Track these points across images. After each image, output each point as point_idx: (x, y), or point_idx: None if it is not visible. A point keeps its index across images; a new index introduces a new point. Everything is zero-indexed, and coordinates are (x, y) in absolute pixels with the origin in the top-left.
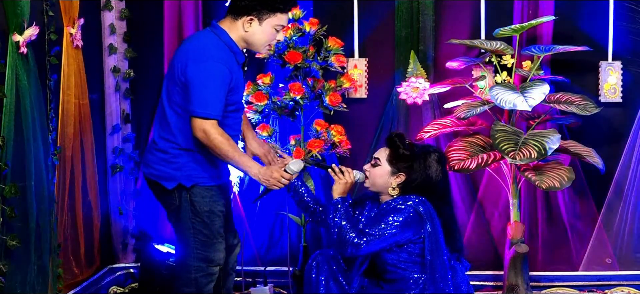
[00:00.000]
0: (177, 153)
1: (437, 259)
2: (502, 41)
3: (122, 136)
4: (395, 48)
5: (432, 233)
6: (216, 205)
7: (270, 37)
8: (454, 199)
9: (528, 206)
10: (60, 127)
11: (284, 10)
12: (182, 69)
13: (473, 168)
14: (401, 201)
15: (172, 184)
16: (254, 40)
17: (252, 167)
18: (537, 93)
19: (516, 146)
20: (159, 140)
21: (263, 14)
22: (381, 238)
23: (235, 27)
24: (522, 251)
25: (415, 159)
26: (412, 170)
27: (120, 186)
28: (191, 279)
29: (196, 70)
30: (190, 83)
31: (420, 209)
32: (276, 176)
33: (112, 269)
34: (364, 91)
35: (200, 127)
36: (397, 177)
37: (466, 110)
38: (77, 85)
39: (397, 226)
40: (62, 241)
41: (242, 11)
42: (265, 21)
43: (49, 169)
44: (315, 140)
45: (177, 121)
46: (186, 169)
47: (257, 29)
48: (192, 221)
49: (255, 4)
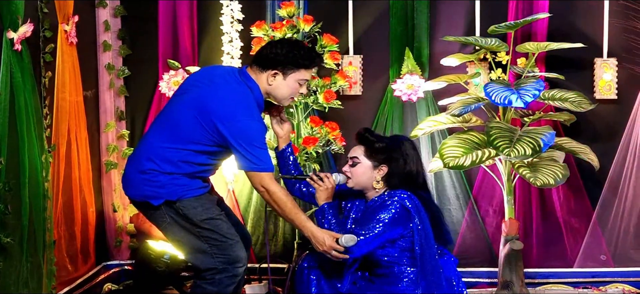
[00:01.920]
0: (157, 174)
1: (427, 252)
2: (496, 38)
3: (116, 133)
4: (390, 45)
5: (421, 227)
6: (211, 211)
7: (293, 91)
8: (448, 196)
9: (523, 203)
10: (54, 124)
11: (309, 66)
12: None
13: (468, 165)
14: (387, 197)
15: (158, 201)
16: (277, 93)
17: (307, 227)
18: (531, 90)
19: (511, 143)
20: (144, 162)
21: (288, 69)
22: (372, 238)
23: (260, 79)
24: (516, 248)
25: (392, 149)
26: (392, 160)
27: (114, 183)
28: (216, 279)
29: (235, 129)
30: (233, 143)
31: (407, 204)
32: (328, 246)
33: (107, 267)
34: (359, 88)
35: (259, 182)
36: (379, 170)
37: (461, 107)
38: (72, 82)
39: (386, 223)
40: (56, 239)
41: (268, 64)
42: (289, 76)
43: (43, 166)
44: (310, 137)
45: (172, 152)
46: (168, 186)
47: (281, 83)
48: (197, 231)
49: (281, 59)
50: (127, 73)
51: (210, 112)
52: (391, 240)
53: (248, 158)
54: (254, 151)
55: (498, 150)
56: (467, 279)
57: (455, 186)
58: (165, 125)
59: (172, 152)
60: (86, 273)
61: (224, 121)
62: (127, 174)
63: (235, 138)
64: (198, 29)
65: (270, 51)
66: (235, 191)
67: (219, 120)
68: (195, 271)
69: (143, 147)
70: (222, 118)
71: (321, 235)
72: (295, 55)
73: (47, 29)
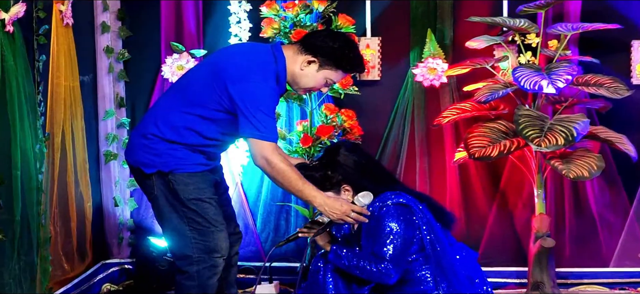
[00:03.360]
0: (157, 141)
1: (438, 244)
2: (526, 19)
3: (115, 121)
4: (410, 26)
5: (423, 217)
6: (203, 192)
7: (317, 85)
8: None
9: (554, 197)
10: (49, 111)
11: (346, 70)
12: (231, 85)
13: (495, 155)
14: (380, 203)
15: (150, 169)
16: (301, 80)
17: (317, 197)
18: (563, 74)
19: (541, 132)
20: (148, 125)
21: (326, 64)
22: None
23: (294, 59)
24: (547, 246)
25: (334, 165)
26: (344, 174)
27: (114, 176)
28: (193, 272)
29: (244, 89)
30: (238, 104)
31: (401, 200)
32: (345, 210)
33: (106, 265)
34: (377, 73)
35: (260, 152)
36: (344, 192)
37: (487, 94)
38: (67, 66)
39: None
40: (51, 235)
41: (312, 49)
42: (323, 70)
43: (37, 157)
44: (324, 126)
45: (179, 115)
46: (165, 156)
47: (312, 73)
48: (182, 210)
49: (327, 51)
50: (127, 56)
51: (223, 69)
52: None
53: (251, 123)
54: (258, 115)
55: (527, 140)
56: (494, 280)
57: (481, 178)
58: (176, 89)
59: (178, 116)
60: (83, 272)
61: (235, 80)
62: (131, 138)
63: (242, 99)
64: (203, 9)
65: (322, 40)
66: (243, 184)
67: (229, 78)
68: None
69: (151, 111)
70: (233, 77)
71: (336, 200)
72: (344, 55)
73: (40, 9)
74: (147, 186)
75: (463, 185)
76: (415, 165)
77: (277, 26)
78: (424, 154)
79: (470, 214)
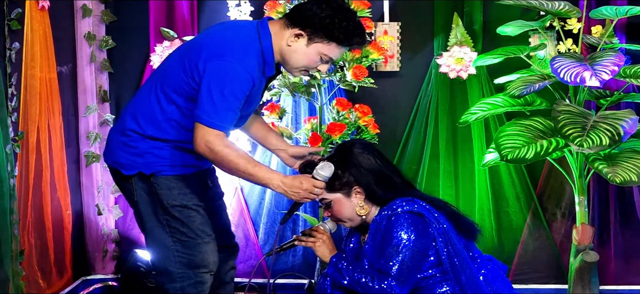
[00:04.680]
0: (138, 138)
1: (455, 257)
2: (566, 1)
3: (98, 118)
4: (434, 10)
5: (439, 227)
6: (189, 197)
7: (310, 63)
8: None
9: (598, 204)
10: (22, 107)
11: (341, 42)
12: (203, 61)
13: (530, 157)
14: (389, 212)
15: (130, 171)
16: (291, 58)
17: (273, 178)
18: (609, 65)
19: (583, 130)
20: (127, 120)
21: (315, 36)
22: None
23: (281, 35)
24: (590, 261)
25: (347, 164)
26: (357, 175)
27: (96, 180)
28: (175, 290)
29: (214, 67)
30: (203, 80)
31: (414, 209)
32: (307, 187)
33: (87, 282)
34: (396, 63)
35: (202, 137)
36: (355, 194)
37: (522, 87)
38: (43, 55)
39: (409, 245)
40: (25, 248)
41: (297, 21)
42: (314, 44)
43: (9, 159)
44: (335, 124)
45: (156, 107)
46: (147, 156)
47: (301, 48)
48: (164, 218)
49: (315, 20)
50: (111, 44)
51: (198, 47)
52: None
53: (204, 105)
54: (216, 99)
55: (568, 140)
56: None
57: (514, 183)
58: (154, 77)
59: (157, 108)
60: (62, 289)
61: (208, 56)
62: (109, 135)
63: (209, 77)
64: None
65: (309, 9)
66: (243, 190)
67: (203, 55)
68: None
69: (130, 105)
70: (207, 54)
71: (295, 179)
72: (334, 23)
73: None
74: (126, 191)
75: (494, 191)
76: (439, 168)
77: (282, 9)
78: (449, 156)
79: (502, 224)
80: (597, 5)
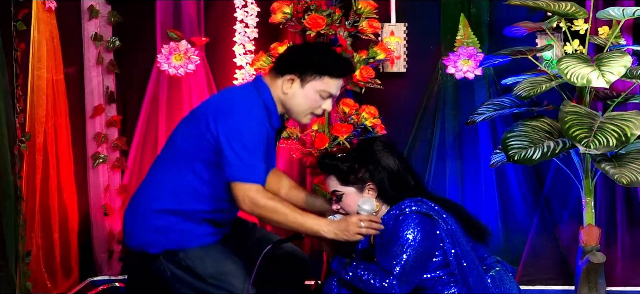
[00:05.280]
0: (158, 215)
1: (463, 259)
2: (573, 2)
3: (105, 119)
4: (441, 11)
5: (447, 229)
6: (223, 265)
7: (312, 104)
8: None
9: (605, 206)
10: (29, 108)
11: (333, 74)
12: (213, 121)
13: (537, 158)
14: (397, 211)
15: (156, 249)
16: (292, 104)
17: (323, 226)
18: (616, 66)
19: (590, 131)
20: (141, 199)
21: (307, 75)
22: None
23: (275, 86)
24: (597, 262)
25: (364, 159)
26: (373, 173)
27: (103, 181)
28: None
29: (227, 125)
30: (222, 143)
31: (422, 209)
32: (354, 228)
33: (94, 283)
34: (403, 64)
35: (244, 195)
36: (368, 190)
37: (528, 88)
38: (50, 56)
39: (416, 243)
40: (32, 249)
41: (284, 68)
42: (308, 84)
43: (16, 160)
44: (342, 125)
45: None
46: (169, 232)
47: (298, 92)
48: (203, 286)
49: (300, 61)
50: (118, 45)
51: (207, 112)
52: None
53: (233, 163)
54: (243, 154)
55: (574, 141)
56: None
57: (521, 184)
58: (164, 154)
59: (172, 179)
60: (68, 290)
61: (217, 115)
62: (126, 218)
63: (226, 135)
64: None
65: (289, 51)
66: None
67: (212, 116)
68: None
69: (141, 186)
70: (216, 113)
71: (342, 221)
72: (320, 59)
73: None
74: (158, 272)
75: (501, 192)
76: (446, 169)
77: (289, 10)
78: (456, 157)
79: (508, 225)
80: (604, 6)
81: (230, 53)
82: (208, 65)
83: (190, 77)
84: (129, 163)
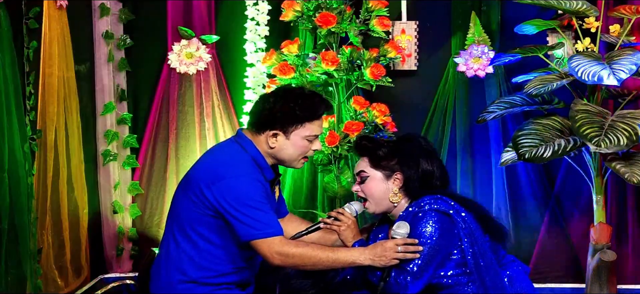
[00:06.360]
0: (185, 288)
1: (482, 260)
2: (584, 0)
3: (116, 117)
4: (452, 9)
5: (466, 228)
6: None
7: (302, 150)
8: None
9: (616, 204)
10: (40, 105)
11: (312, 118)
12: (206, 189)
13: (548, 156)
14: (415, 208)
15: None
16: (283, 156)
17: (359, 255)
18: (627, 64)
19: (601, 130)
20: (164, 273)
21: (288, 126)
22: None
23: (259, 142)
24: (608, 260)
25: (400, 150)
26: (404, 164)
27: (113, 178)
28: None
29: (222, 191)
30: (223, 209)
31: (441, 207)
32: (391, 253)
33: (104, 280)
34: (414, 62)
35: (269, 250)
36: (394, 179)
37: (539, 86)
38: (61, 54)
39: (430, 242)
40: (43, 246)
41: (264, 124)
42: (292, 133)
43: (27, 157)
44: (353, 122)
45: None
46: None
47: (285, 144)
48: None
49: (278, 115)
50: (129, 43)
51: (197, 178)
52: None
53: (246, 223)
54: (251, 213)
55: (585, 139)
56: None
57: (532, 183)
58: (172, 218)
59: (187, 248)
60: (79, 288)
61: (210, 182)
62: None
63: (226, 200)
64: None
65: (263, 107)
66: None
67: (205, 184)
68: None
69: (161, 254)
70: (207, 180)
71: (378, 247)
72: (293, 109)
73: None
74: None
75: (511, 190)
76: (457, 167)
77: (299, 8)
78: (466, 155)
79: (519, 223)
80: (615, 4)
81: (240, 51)
82: (219, 63)
83: (201, 75)
84: (140, 161)
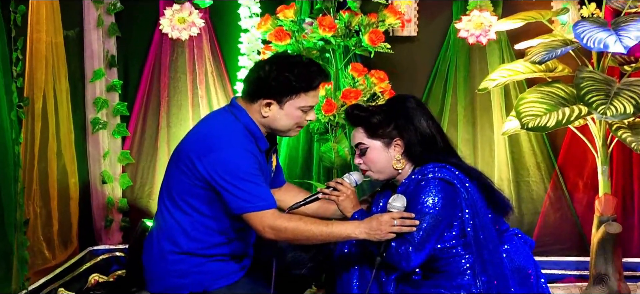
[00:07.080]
0: (176, 259)
1: (481, 233)
2: None
3: (105, 83)
4: None
5: (468, 198)
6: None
7: (297, 120)
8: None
9: (621, 174)
10: (27, 72)
11: (308, 89)
12: (197, 161)
13: (552, 126)
14: (418, 175)
15: (182, 291)
16: (277, 126)
17: (353, 229)
18: (633, 30)
19: (607, 98)
20: (157, 242)
21: (282, 96)
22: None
23: (252, 110)
24: (613, 232)
25: (395, 114)
26: (402, 128)
27: (102, 147)
28: None
29: (213, 162)
30: (215, 181)
31: (445, 176)
32: (387, 226)
33: (93, 252)
34: (414, 28)
35: (261, 224)
36: (394, 146)
37: (543, 52)
38: (49, 18)
39: (435, 210)
40: (30, 217)
41: (258, 92)
42: (286, 104)
43: (13, 126)
44: (350, 90)
45: (180, 218)
46: (193, 275)
47: (279, 113)
48: None
49: (273, 84)
50: (119, 7)
51: (188, 149)
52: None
53: (238, 196)
54: (243, 185)
55: (590, 108)
56: (550, 272)
57: (535, 152)
58: (166, 189)
59: (180, 220)
60: (67, 260)
61: (201, 154)
62: (143, 263)
63: (217, 172)
64: None
65: (258, 75)
66: None
67: (196, 155)
68: None
69: (154, 226)
70: (199, 152)
71: (373, 221)
72: (288, 78)
73: None
74: None
75: (514, 160)
76: (458, 136)
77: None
78: (468, 124)
79: (522, 195)
80: None
81: (235, 16)
82: (212, 29)
83: (194, 40)
84: (130, 129)
